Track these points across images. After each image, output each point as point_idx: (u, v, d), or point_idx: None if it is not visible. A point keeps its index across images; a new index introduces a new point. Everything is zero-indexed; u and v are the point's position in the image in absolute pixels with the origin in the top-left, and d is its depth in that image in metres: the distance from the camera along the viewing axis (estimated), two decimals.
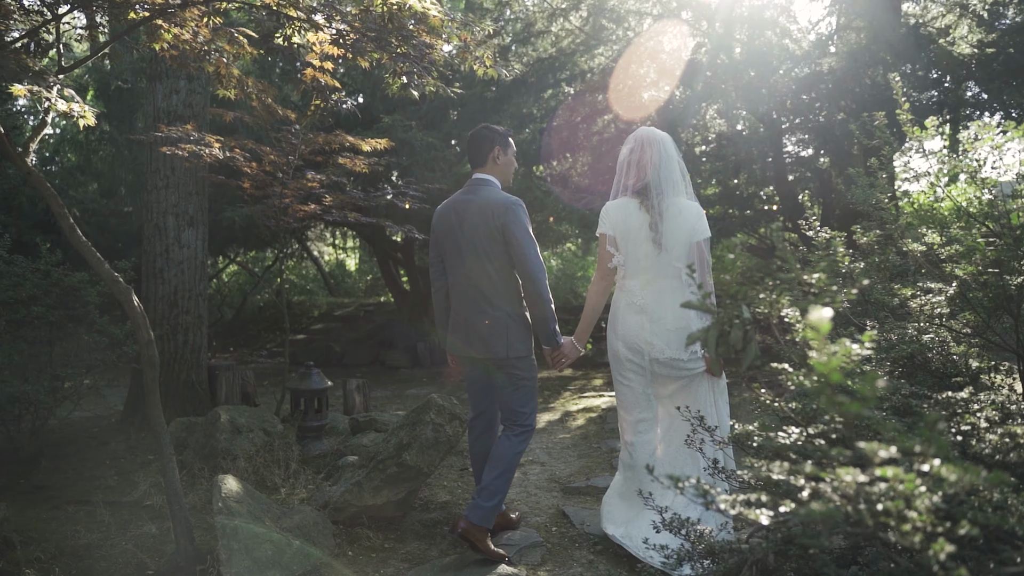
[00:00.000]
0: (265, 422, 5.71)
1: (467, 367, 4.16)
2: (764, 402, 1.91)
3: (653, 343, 3.76)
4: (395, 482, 4.29)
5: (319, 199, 6.65)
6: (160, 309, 6.90)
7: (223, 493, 3.67)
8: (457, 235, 3.98)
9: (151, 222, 6.97)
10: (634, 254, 3.84)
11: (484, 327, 3.92)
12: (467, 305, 3.98)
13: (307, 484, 5.11)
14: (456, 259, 4.01)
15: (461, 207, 4.00)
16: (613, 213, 3.90)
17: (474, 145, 4.10)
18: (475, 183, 4.07)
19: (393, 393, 9.70)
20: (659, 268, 3.79)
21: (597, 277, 4.03)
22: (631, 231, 3.82)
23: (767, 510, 1.45)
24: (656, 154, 3.83)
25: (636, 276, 3.86)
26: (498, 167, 4.10)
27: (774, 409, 1.91)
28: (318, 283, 21.12)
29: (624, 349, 3.89)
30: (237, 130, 8.31)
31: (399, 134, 9.29)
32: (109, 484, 5.26)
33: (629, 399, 3.96)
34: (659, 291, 3.80)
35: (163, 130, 5.98)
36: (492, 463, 3.92)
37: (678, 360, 3.72)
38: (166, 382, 6.76)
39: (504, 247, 3.88)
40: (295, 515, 3.93)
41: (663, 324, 3.75)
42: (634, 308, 3.84)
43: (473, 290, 3.95)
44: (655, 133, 3.93)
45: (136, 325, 3.62)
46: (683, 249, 3.76)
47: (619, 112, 10.50)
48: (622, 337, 3.89)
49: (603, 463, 5.78)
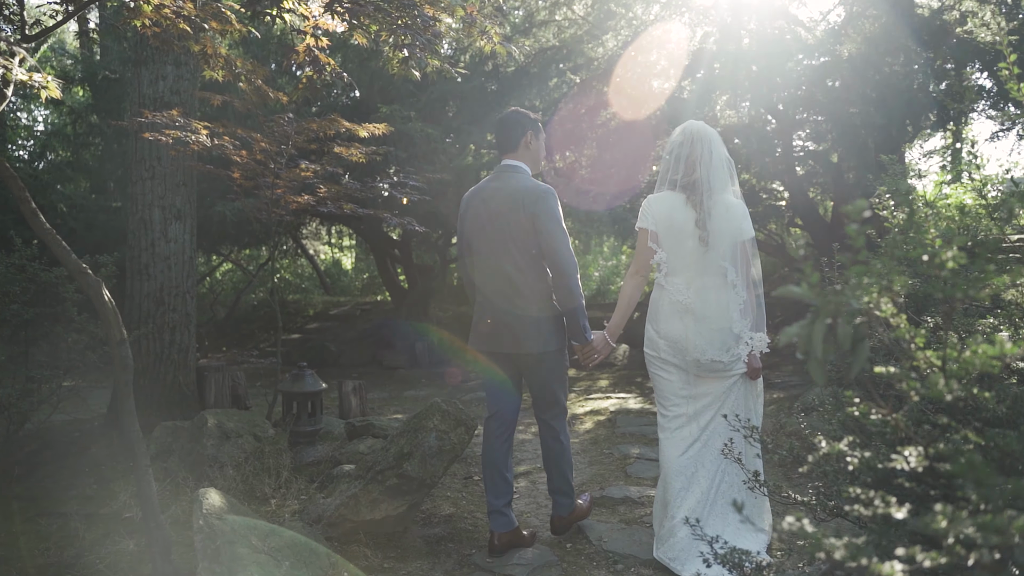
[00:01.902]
0: (255, 427, 5.35)
1: (486, 363, 3.96)
2: (856, 414, 1.54)
3: (698, 344, 3.63)
4: (395, 495, 3.93)
5: (313, 190, 6.28)
6: (145, 307, 6.53)
7: (204, 509, 3.30)
8: (485, 224, 3.80)
9: (136, 215, 6.60)
10: (678, 251, 3.70)
11: (515, 322, 3.76)
12: (496, 299, 3.81)
13: (299, 495, 4.74)
14: (484, 250, 3.84)
15: (489, 195, 3.82)
16: (656, 207, 3.74)
17: (505, 129, 3.89)
18: (504, 169, 3.86)
19: (391, 395, 9.35)
20: (704, 266, 3.67)
21: (633, 271, 3.86)
22: (675, 227, 3.69)
23: (901, 564, 1.08)
24: (706, 150, 3.70)
25: (679, 274, 3.72)
26: (529, 153, 3.91)
27: (875, 424, 1.54)
28: (313, 281, 20.80)
29: (666, 347, 3.74)
30: (227, 117, 7.92)
31: (397, 125, 8.91)
32: (87, 494, 4.90)
33: (667, 391, 3.80)
34: (703, 289, 3.67)
35: (147, 116, 5.61)
36: (549, 465, 4.02)
37: (719, 362, 3.63)
38: (151, 384, 6.42)
39: (534, 237, 3.70)
40: (285, 532, 3.56)
41: (708, 324, 3.63)
42: (679, 307, 3.69)
43: (502, 282, 3.78)
44: (705, 128, 3.78)
45: (106, 322, 3.25)
46: (729, 248, 3.67)
47: (626, 102, 10.15)
48: (665, 336, 3.73)
49: (616, 471, 5.41)
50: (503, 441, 3.95)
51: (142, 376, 6.42)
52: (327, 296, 19.29)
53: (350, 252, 23.02)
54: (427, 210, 9.18)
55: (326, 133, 6.02)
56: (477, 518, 4.43)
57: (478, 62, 10.88)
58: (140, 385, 6.41)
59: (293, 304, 17.67)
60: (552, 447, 3.99)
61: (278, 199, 6.12)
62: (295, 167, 6.17)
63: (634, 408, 7.93)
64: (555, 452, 3.98)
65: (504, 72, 11.04)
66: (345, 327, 14.61)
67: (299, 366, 5.83)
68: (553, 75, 10.84)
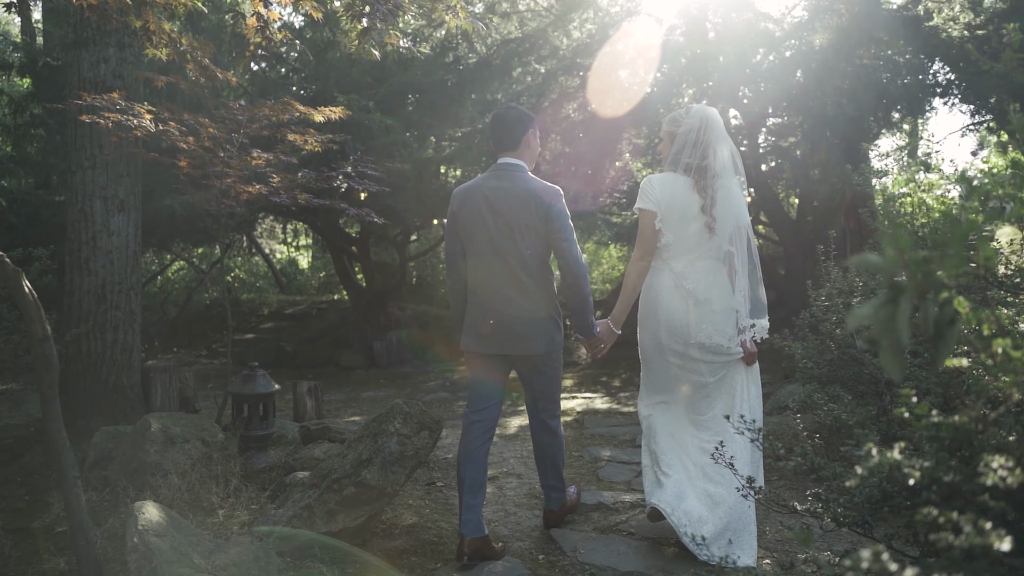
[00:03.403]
0: (204, 431, 5.01)
1: (480, 365, 3.85)
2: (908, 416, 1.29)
3: (702, 327, 3.61)
4: (353, 505, 3.62)
5: (266, 179, 5.93)
6: (86, 304, 6.12)
7: (140, 525, 2.97)
8: (489, 223, 3.69)
9: (76, 206, 6.19)
10: (681, 234, 3.66)
11: (520, 323, 3.69)
12: (498, 299, 3.71)
13: (249, 504, 4.40)
14: (487, 249, 3.71)
15: (493, 193, 3.70)
16: (658, 188, 3.67)
17: (505, 126, 3.78)
18: (507, 168, 3.77)
19: (348, 396, 9.02)
20: (706, 249, 3.67)
21: (639, 256, 3.75)
22: (678, 209, 3.64)
23: None
24: (716, 136, 3.67)
25: (681, 257, 3.68)
26: (529, 151, 3.85)
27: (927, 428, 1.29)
28: (268, 280, 20.34)
29: (666, 334, 3.68)
30: (176, 103, 7.50)
31: (356, 115, 8.57)
32: (17, 506, 4.53)
33: (661, 383, 3.80)
34: (704, 271, 3.66)
35: (85, 98, 5.22)
36: (544, 464, 3.99)
37: (721, 346, 3.62)
38: (92, 386, 6.02)
39: (543, 236, 3.68)
40: (232, 548, 3.24)
41: (710, 306, 3.62)
42: (681, 291, 3.65)
43: (508, 282, 3.69)
44: (714, 113, 3.74)
45: (27, 316, 2.90)
46: (732, 233, 3.67)
47: (591, 95, 9.92)
48: (665, 322, 3.67)
49: (587, 475, 5.15)
50: (484, 442, 3.82)
51: (82, 378, 6.04)
52: (283, 295, 18.88)
53: (307, 252, 22.59)
54: (386, 204, 8.84)
55: (279, 118, 5.66)
56: (442, 528, 4.13)
57: (439, 52, 10.58)
58: (80, 387, 6.04)
59: (247, 303, 17.24)
60: (550, 443, 3.97)
61: (228, 189, 5.75)
62: (247, 155, 5.81)
63: (601, 408, 7.70)
64: (552, 448, 3.98)
65: (466, 64, 10.75)
66: (301, 326, 14.27)
67: (250, 366, 5.48)
68: (517, 66, 10.56)
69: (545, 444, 3.97)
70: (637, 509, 4.32)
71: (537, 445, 4.01)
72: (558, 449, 4.00)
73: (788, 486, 4.68)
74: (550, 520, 4.08)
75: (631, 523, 4.12)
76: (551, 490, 4.05)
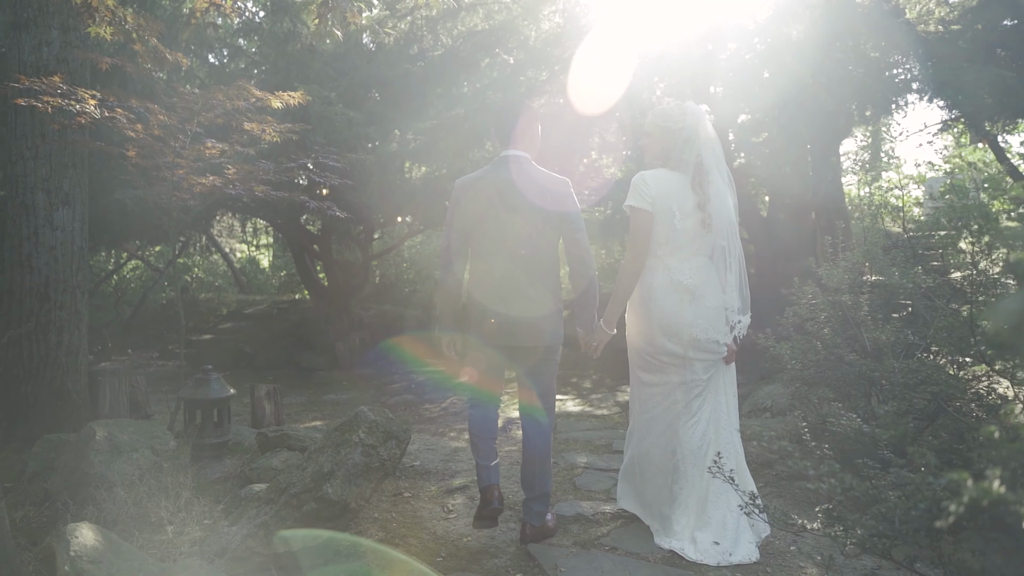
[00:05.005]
0: (154, 439, 4.66)
1: (484, 361, 3.82)
2: None
3: (697, 322, 3.62)
4: (313, 521, 3.33)
5: (221, 170, 5.58)
6: (28, 303, 5.75)
7: (72, 550, 2.66)
8: (501, 216, 3.68)
9: (17, 199, 5.80)
10: (677, 230, 3.66)
11: (531, 313, 3.68)
12: (508, 290, 3.68)
13: (202, 519, 4.06)
14: (496, 240, 3.70)
15: (504, 186, 3.68)
16: (653, 186, 3.67)
17: (511, 119, 3.79)
18: (515, 160, 3.74)
19: (309, 399, 8.67)
20: (699, 246, 3.70)
21: (634, 256, 3.74)
22: (673, 205, 3.64)
23: None
24: (708, 131, 3.72)
25: (676, 253, 3.70)
26: (534, 144, 3.86)
27: None
28: (228, 279, 19.83)
29: (661, 335, 3.67)
30: (126, 89, 7.10)
31: (318, 108, 8.23)
32: None
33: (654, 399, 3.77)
34: (698, 267, 3.69)
35: (23, 81, 4.85)
36: (534, 466, 3.83)
37: (715, 342, 3.65)
38: (34, 391, 5.68)
39: (555, 229, 3.71)
40: (179, 573, 2.93)
41: (704, 302, 3.66)
42: (677, 287, 3.65)
43: (520, 274, 3.69)
44: (702, 111, 3.79)
45: None
46: (724, 229, 3.70)
47: (560, 88, 9.70)
48: (659, 321, 3.67)
49: (564, 483, 4.87)
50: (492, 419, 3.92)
51: (23, 382, 5.69)
52: (242, 295, 18.41)
53: (267, 251, 22.09)
54: (349, 199, 8.50)
55: (235, 104, 5.32)
56: (410, 544, 3.83)
57: (403, 44, 10.26)
58: (22, 392, 5.69)
59: (205, 303, 16.78)
60: (541, 448, 3.85)
61: (180, 181, 5.41)
62: (200, 145, 5.46)
63: (574, 411, 7.45)
64: (543, 452, 3.85)
65: (431, 56, 10.44)
66: (261, 327, 13.87)
67: (203, 370, 5.15)
68: (484, 58, 10.27)
69: (538, 449, 3.85)
70: (619, 521, 4.06)
71: (529, 448, 3.87)
72: (547, 453, 3.88)
73: (775, 493, 4.46)
74: (528, 536, 3.84)
75: (612, 536, 3.87)
76: (536, 503, 3.87)
